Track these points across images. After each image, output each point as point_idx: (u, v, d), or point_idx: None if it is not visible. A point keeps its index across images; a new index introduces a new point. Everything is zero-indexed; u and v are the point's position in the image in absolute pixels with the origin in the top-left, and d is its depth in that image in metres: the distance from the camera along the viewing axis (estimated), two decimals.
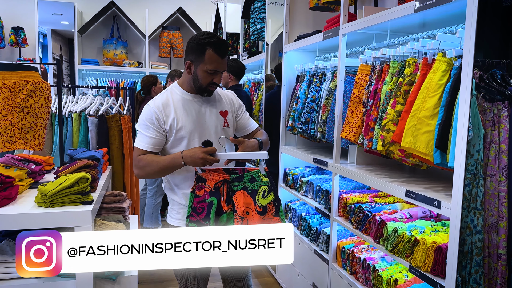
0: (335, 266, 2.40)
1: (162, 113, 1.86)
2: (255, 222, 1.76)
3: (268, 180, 1.81)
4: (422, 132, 1.66)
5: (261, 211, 1.77)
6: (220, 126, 1.99)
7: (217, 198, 1.79)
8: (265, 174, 1.81)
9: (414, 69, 1.84)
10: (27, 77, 2.09)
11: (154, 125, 1.85)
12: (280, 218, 1.78)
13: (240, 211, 1.77)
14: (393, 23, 2.02)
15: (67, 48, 7.24)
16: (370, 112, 2.06)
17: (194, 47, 1.85)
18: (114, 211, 2.59)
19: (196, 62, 1.85)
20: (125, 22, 6.65)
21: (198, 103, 1.93)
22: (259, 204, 1.78)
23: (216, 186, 1.80)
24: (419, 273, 1.68)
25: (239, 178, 1.83)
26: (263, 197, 1.79)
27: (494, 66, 1.70)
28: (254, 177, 1.81)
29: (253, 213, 1.78)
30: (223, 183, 1.81)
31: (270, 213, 1.77)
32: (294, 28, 3.26)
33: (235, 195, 1.80)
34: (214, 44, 1.82)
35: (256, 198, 1.79)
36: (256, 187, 1.80)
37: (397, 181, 1.95)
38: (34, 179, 2.23)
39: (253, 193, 1.80)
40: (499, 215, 1.59)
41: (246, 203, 1.79)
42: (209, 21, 6.81)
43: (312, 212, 2.96)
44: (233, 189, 1.81)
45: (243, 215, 1.77)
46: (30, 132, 2.12)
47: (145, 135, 1.86)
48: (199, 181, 1.83)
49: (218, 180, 1.80)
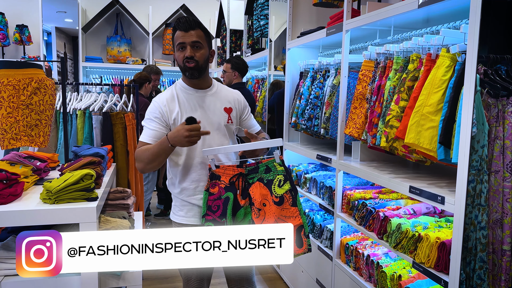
0: (338, 262, 2.40)
1: (166, 107, 1.88)
2: (273, 213, 1.73)
3: (283, 169, 1.77)
4: (425, 128, 1.66)
5: (278, 201, 1.74)
6: (224, 122, 1.99)
7: (233, 192, 1.77)
8: (280, 163, 1.77)
9: (417, 64, 1.83)
10: (32, 75, 2.10)
11: (157, 118, 1.88)
12: (298, 207, 1.74)
13: (257, 203, 1.74)
14: (397, 18, 2.01)
15: (71, 46, 7.27)
16: (374, 108, 2.06)
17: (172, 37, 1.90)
18: (118, 208, 2.60)
19: (174, 48, 1.89)
20: (128, 20, 6.66)
21: (203, 98, 1.94)
22: (275, 194, 1.74)
23: (231, 180, 1.78)
24: (423, 269, 1.68)
25: (254, 169, 1.80)
26: (279, 186, 1.75)
27: (499, 61, 1.69)
28: (269, 167, 1.78)
29: (270, 204, 1.74)
30: (239, 176, 1.78)
31: (287, 203, 1.74)
32: (297, 25, 3.26)
33: (251, 187, 1.77)
34: (177, 23, 1.85)
35: (272, 188, 1.75)
36: (271, 177, 1.76)
37: (401, 177, 1.95)
38: (39, 176, 2.24)
39: (268, 183, 1.76)
40: (503, 211, 1.58)
41: (263, 195, 1.76)
42: (212, 18, 6.81)
43: (316, 208, 2.96)
44: (249, 181, 1.79)
45: (260, 207, 1.74)
46: (35, 129, 2.13)
47: (148, 129, 1.88)
48: (213, 178, 1.82)
49: (233, 174, 1.78)
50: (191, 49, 1.84)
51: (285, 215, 1.72)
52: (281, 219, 1.72)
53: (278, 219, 1.73)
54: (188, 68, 1.86)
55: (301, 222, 1.71)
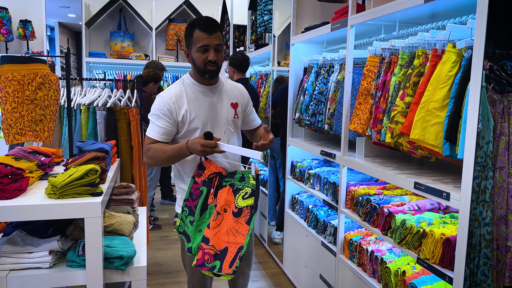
0: (342, 258, 2.41)
1: (175, 104, 1.89)
2: (228, 223, 1.71)
3: (254, 184, 1.73)
4: (431, 124, 1.65)
5: (236, 212, 1.70)
6: (231, 118, 2.01)
7: (208, 188, 1.81)
8: (254, 177, 1.74)
9: (423, 60, 1.82)
10: (36, 70, 2.10)
11: (166, 115, 1.89)
12: (250, 227, 1.68)
13: (219, 207, 1.74)
14: (402, 14, 2.00)
15: (74, 41, 7.27)
16: (379, 104, 2.05)
17: (186, 34, 1.89)
18: (123, 203, 2.61)
19: (189, 47, 1.88)
20: (132, 15, 6.65)
21: (210, 94, 1.95)
22: (236, 205, 1.72)
23: (210, 176, 1.81)
24: (428, 265, 1.68)
25: (231, 174, 1.81)
26: (243, 198, 1.72)
27: (505, 57, 1.68)
28: (244, 176, 1.76)
29: (229, 213, 1.73)
30: (216, 175, 1.81)
31: (243, 219, 1.69)
32: (301, 20, 3.24)
33: (221, 190, 1.78)
34: (198, 22, 1.83)
35: (236, 197, 1.73)
36: (241, 186, 1.75)
37: (405, 173, 1.94)
38: (44, 171, 2.25)
39: (236, 191, 1.75)
40: (508, 208, 1.58)
41: (227, 200, 1.75)
42: (216, 13, 6.79)
43: (319, 204, 2.96)
44: (222, 183, 1.80)
45: (220, 211, 1.74)
46: (40, 124, 2.13)
47: (156, 125, 1.90)
48: (200, 168, 1.87)
49: (213, 172, 1.81)
50: (214, 53, 1.85)
51: (237, 230, 1.69)
52: (232, 231, 1.69)
53: (229, 230, 1.70)
54: (209, 71, 1.87)
55: (243, 243, 1.66)
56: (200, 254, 1.71)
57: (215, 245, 1.69)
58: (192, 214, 1.81)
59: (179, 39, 6.70)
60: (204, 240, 1.72)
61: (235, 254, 1.65)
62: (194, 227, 1.81)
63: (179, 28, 6.66)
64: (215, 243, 1.69)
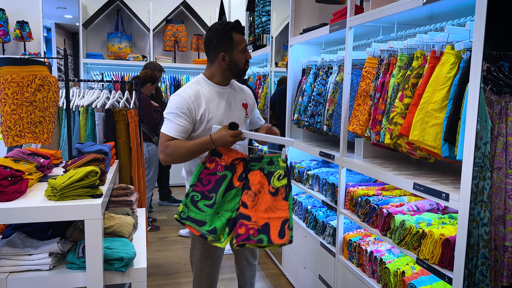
0: (341, 258, 2.42)
1: (194, 103, 1.95)
2: (266, 202, 1.86)
3: (285, 166, 1.90)
4: (430, 125, 1.66)
5: (274, 192, 1.87)
6: (243, 117, 2.11)
7: (232, 173, 1.90)
8: (284, 160, 1.91)
9: (422, 62, 1.83)
10: (36, 72, 2.10)
11: (185, 114, 1.94)
12: (288, 203, 1.86)
13: (254, 188, 1.87)
14: (400, 15, 2.01)
15: (71, 42, 7.25)
16: (378, 105, 2.06)
17: (221, 38, 1.95)
18: (122, 204, 2.61)
19: (229, 50, 1.96)
20: (129, 16, 6.64)
21: (225, 95, 2.03)
22: (272, 185, 1.88)
23: (233, 162, 1.91)
24: (427, 265, 1.69)
25: (258, 159, 1.94)
26: (278, 179, 1.88)
27: (502, 58, 1.69)
28: (273, 160, 1.92)
29: (265, 193, 1.88)
30: (240, 160, 1.92)
31: (280, 196, 1.86)
32: (300, 21, 3.25)
33: (250, 173, 1.91)
34: (235, 27, 1.95)
35: (272, 180, 1.89)
36: (273, 169, 1.91)
37: (404, 174, 1.95)
38: (43, 173, 2.25)
39: (269, 174, 1.90)
40: (505, 208, 1.59)
41: (260, 183, 1.89)
42: (213, 14, 6.79)
43: (318, 205, 2.97)
44: (249, 167, 1.93)
45: (256, 192, 1.87)
46: (39, 126, 2.13)
47: (174, 123, 1.94)
48: (214, 154, 1.93)
49: (236, 157, 1.92)
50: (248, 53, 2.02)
51: (276, 206, 1.85)
52: (271, 208, 1.85)
53: (268, 208, 1.85)
54: (246, 70, 2.03)
55: (287, 216, 1.84)
56: (244, 230, 1.81)
57: (256, 221, 1.83)
58: (207, 198, 1.88)
59: (177, 40, 6.70)
60: (245, 218, 1.83)
61: (281, 226, 1.82)
62: (214, 210, 1.87)
63: (177, 29, 6.66)
64: (256, 220, 1.83)
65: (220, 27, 1.95)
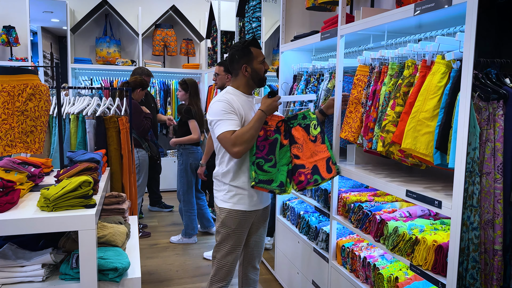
0: (335, 264, 2.43)
1: (233, 106, 2.20)
2: (309, 148, 2.27)
3: (315, 117, 2.31)
4: (422, 133, 1.69)
5: (314, 140, 2.28)
6: None
7: (279, 134, 2.27)
8: (313, 112, 2.32)
9: (413, 70, 1.86)
10: (27, 81, 2.08)
11: (233, 112, 2.18)
12: (326, 144, 2.26)
13: (300, 141, 2.28)
14: (391, 24, 2.04)
15: (58, 46, 7.16)
16: (369, 113, 2.09)
17: (241, 53, 2.27)
18: (114, 213, 2.60)
19: (249, 62, 2.27)
20: (117, 20, 6.60)
21: (249, 103, 2.32)
22: (312, 134, 2.28)
23: (277, 125, 2.27)
24: (420, 272, 1.72)
25: (294, 117, 2.33)
26: (314, 129, 2.29)
27: (489, 65, 1.73)
28: (305, 115, 2.31)
29: (307, 142, 2.28)
30: (282, 122, 2.29)
31: (319, 141, 2.27)
32: (290, 28, 3.28)
33: (292, 130, 2.31)
34: (252, 43, 2.29)
35: (309, 130, 2.29)
36: (308, 122, 2.30)
37: (397, 181, 1.98)
38: (34, 182, 2.22)
39: (306, 127, 2.30)
40: (494, 212, 1.62)
41: (302, 135, 2.29)
42: (203, 19, 6.79)
43: (311, 210, 2.99)
44: (289, 126, 2.31)
45: (302, 143, 2.28)
46: (31, 135, 2.11)
47: (230, 120, 2.16)
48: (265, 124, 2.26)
49: (279, 120, 2.28)
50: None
51: (317, 150, 2.27)
52: (314, 153, 2.27)
53: (312, 153, 2.27)
54: (266, 78, 2.35)
55: (329, 155, 2.25)
56: (303, 177, 2.24)
57: (308, 167, 2.24)
58: (268, 160, 2.22)
59: (166, 45, 6.67)
60: (300, 167, 2.26)
61: (326, 164, 2.25)
62: (276, 168, 2.24)
63: (166, 33, 6.64)
64: (308, 166, 2.25)
65: (240, 44, 2.28)
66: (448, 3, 1.54)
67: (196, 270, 3.63)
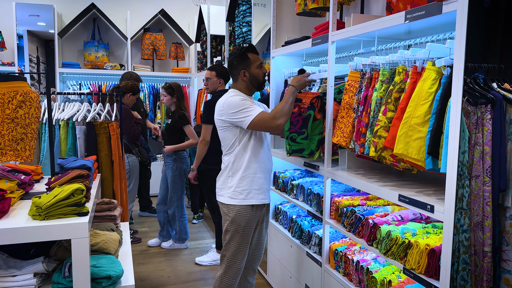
0: (328, 268, 2.45)
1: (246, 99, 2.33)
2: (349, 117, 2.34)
3: None
4: (414, 139, 1.72)
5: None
6: None
7: (313, 110, 2.51)
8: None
9: (404, 77, 1.89)
10: (17, 88, 2.06)
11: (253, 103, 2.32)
12: None
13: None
14: (381, 31, 2.07)
15: (44, 50, 7.08)
16: (361, 118, 2.11)
17: (239, 59, 2.37)
18: (105, 220, 2.57)
19: (247, 67, 2.37)
20: (106, 24, 6.56)
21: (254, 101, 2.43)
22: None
23: (311, 101, 2.51)
24: (414, 275, 1.74)
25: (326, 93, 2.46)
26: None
27: (476, 70, 1.76)
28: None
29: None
30: (317, 98, 2.51)
31: None
32: (281, 33, 3.30)
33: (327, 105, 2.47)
34: (249, 49, 2.39)
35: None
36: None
37: (389, 186, 2.00)
38: (25, 190, 2.19)
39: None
40: (484, 214, 1.65)
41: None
42: (192, 23, 6.79)
43: (303, 214, 3.00)
44: (324, 101, 2.50)
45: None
46: (21, 143, 2.09)
47: (254, 105, 2.29)
48: (296, 101, 2.48)
49: (313, 97, 2.52)
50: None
51: None
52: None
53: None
54: (265, 81, 2.46)
55: None
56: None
57: None
58: (301, 133, 2.54)
59: (155, 49, 6.65)
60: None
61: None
62: (309, 139, 2.56)
63: (155, 37, 6.62)
64: None
65: (237, 51, 2.38)
66: (438, 11, 1.57)
67: (188, 275, 3.61)
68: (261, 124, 2.25)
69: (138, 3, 6.64)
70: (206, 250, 4.17)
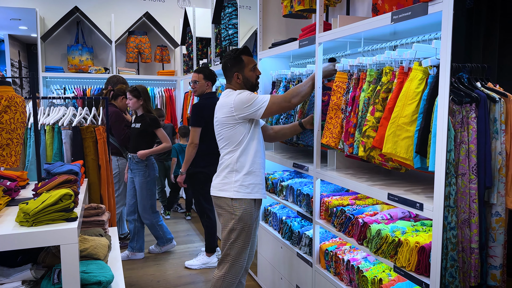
0: (319, 268, 2.46)
1: None
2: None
3: None
4: (402, 138, 1.74)
5: None
6: None
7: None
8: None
9: (391, 77, 1.92)
10: (1, 93, 2.02)
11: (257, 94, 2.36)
12: None
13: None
14: (367, 32, 2.09)
15: (26, 54, 6.96)
16: (349, 119, 2.13)
17: (233, 61, 2.39)
18: (93, 225, 2.54)
19: (241, 70, 2.39)
20: (90, 28, 6.49)
21: None
22: None
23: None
24: (404, 273, 1.76)
25: None
26: None
27: (460, 69, 1.80)
28: None
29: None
30: None
31: None
32: (268, 35, 3.31)
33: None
34: (243, 51, 2.41)
35: None
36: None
37: (378, 185, 2.03)
38: (11, 196, 2.15)
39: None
40: (470, 212, 1.68)
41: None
42: (177, 25, 6.76)
43: (293, 215, 3.01)
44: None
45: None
46: (6, 149, 2.05)
47: (262, 96, 2.35)
48: (324, 89, 2.45)
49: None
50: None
51: None
52: None
53: None
54: (258, 84, 2.48)
55: None
56: None
57: None
58: None
59: (140, 52, 6.60)
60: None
61: None
62: None
63: (140, 40, 6.57)
64: None
65: (232, 53, 2.40)
66: (424, 12, 1.60)
67: (178, 279, 3.59)
68: (277, 105, 2.33)
69: (123, 6, 6.59)
70: (195, 253, 4.14)
